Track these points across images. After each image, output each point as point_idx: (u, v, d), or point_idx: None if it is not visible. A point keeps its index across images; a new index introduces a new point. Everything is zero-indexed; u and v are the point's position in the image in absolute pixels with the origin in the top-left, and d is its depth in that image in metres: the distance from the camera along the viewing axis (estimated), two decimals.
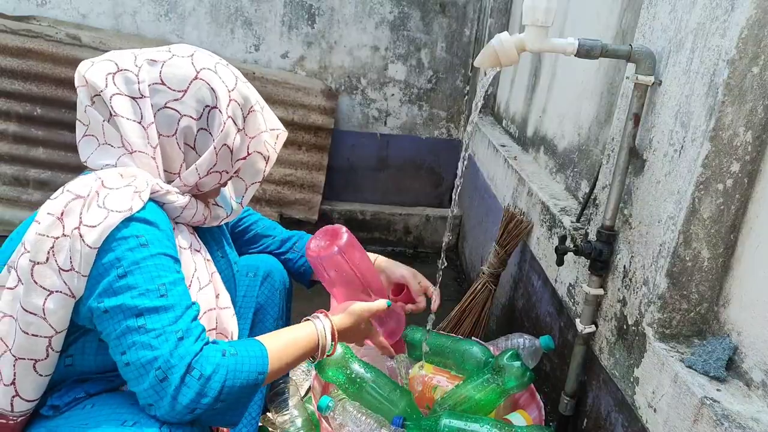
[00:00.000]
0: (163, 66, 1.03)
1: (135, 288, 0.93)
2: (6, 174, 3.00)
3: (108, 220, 0.92)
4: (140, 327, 0.92)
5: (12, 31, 2.86)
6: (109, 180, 0.97)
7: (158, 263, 0.96)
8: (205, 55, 1.09)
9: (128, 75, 1.02)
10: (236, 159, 1.12)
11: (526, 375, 1.45)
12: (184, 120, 1.04)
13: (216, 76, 1.06)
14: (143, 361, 0.91)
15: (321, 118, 3.20)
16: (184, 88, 1.03)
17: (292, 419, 1.53)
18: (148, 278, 0.94)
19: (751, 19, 0.97)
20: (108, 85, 1.00)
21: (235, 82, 1.09)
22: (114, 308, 0.92)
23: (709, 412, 0.93)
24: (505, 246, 2.02)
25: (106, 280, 0.93)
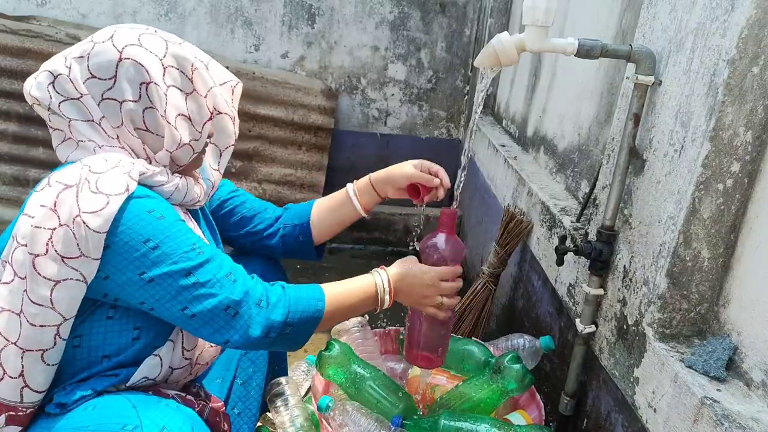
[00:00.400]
0: (88, 58, 1.02)
1: (174, 254, 0.99)
2: (6, 174, 3.00)
3: (110, 205, 0.94)
4: (194, 283, 0.99)
5: (12, 31, 2.86)
6: (96, 165, 0.98)
7: (180, 228, 1.01)
8: (126, 30, 1.05)
9: (62, 79, 1.02)
10: (200, 123, 1.09)
11: (526, 378, 1.45)
12: (125, 105, 1.02)
13: (141, 49, 1.02)
14: (210, 307, 1.00)
15: (321, 118, 3.20)
16: (113, 74, 1.01)
17: (292, 419, 1.53)
18: (180, 243, 1.00)
19: (751, 19, 0.97)
20: (52, 96, 1.02)
21: (165, 47, 1.04)
22: (160, 276, 0.98)
23: (709, 412, 0.93)
24: (505, 246, 2.02)
25: (138, 254, 0.97)
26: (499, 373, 1.47)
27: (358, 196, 1.45)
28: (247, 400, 1.45)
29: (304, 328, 1.11)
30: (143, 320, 1.07)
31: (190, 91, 1.07)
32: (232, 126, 1.17)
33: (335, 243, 3.38)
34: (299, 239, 1.47)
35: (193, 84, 1.07)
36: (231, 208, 1.44)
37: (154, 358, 1.09)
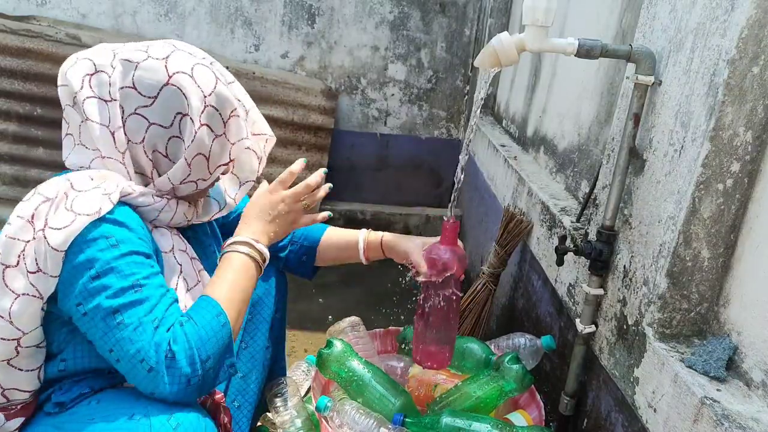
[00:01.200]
0: (136, 68, 1.00)
1: (109, 288, 0.93)
2: (6, 174, 3.00)
3: (75, 223, 0.91)
4: (119, 324, 0.92)
5: (12, 31, 2.86)
6: (79, 182, 0.96)
7: (130, 261, 0.95)
8: (182, 56, 1.03)
9: (102, 77, 1.00)
10: (216, 165, 1.09)
11: (525, 378, 1.46)
12: (153, 128, 1.01)
13: (191, 80, 1.01)
14: (128, 356, 0.92)
15: (321, 118, 3.20)
16: (155, 94, 1.00)
17: (292, 419, 1.53)
18: (121, 277, 0.94)
19: (751, 19, 0.97)
20: (83, 88, 1.01)
21: (213, 85, 1.03)
22: (92, 310, 0.92)
23: (709, 412, 0.93)
24: (505, 246, 2.02)
25: (80, 282, 0.92)
26: (499, 373, 1.47)
27: (365, 249, 1.47)
28: (246, 394, 1.45)
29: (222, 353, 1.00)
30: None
31: (220, 133, 1.06)
32: (257, 165, 1.16)
33: None
34: (302, 259, 1.50)
35: (225, 128, 1.06)
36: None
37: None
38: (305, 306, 2.59)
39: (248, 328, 1.42)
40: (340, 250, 1.50)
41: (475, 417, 1.37)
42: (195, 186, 1.08)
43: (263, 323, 1.44)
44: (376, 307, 2.65)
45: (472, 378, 1.52)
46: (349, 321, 1.76)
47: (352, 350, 1.50)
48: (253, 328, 1.43)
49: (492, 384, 1.46)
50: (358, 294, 2.74)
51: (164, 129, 1.02)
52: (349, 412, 1.36)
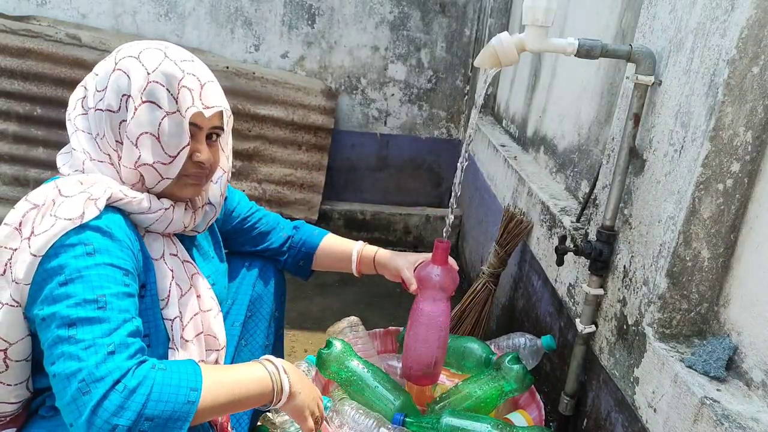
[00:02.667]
0: (96, 72, 1.03)
1: (72, 297, 0.86)
2: (6, 174, 3.00)
3: (54, 228, 0.88)
4: (70, 337, 0.84)
5: (12, 31, 2.86)
6: (66, 187, 0.94)
7: (102, 273, 0.89)
8: (137, 44, 1.03)
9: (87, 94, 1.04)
10: (176, 147, 1.00)
11: (526, 378, 1.46)
12: (106, 115, 1.00)
13: (135, 61, 0.99)
14: (67, 372, 0.83)
15: (321, 118, 3.20)
16: (105, 84, 1.00)
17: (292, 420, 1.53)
18: (88, 288, 0.87)
19: (751, 19, 0.97)
20: (76, 107, 1.05)
21: (158, 62, 0.99)
22: (49, 316, 0.86)
23: (709, 412, 0.93)
24: (505, 246, 2.02)
25: (48, 286, 0.88)
26: (499, 373, 1.47)
27: (358, 263, 1.50)
28: None
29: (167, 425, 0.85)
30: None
31: (172, 110, 0.99)
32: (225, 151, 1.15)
33: None
34: (299, 263, 1.53)
35: (177, 103, 0.99)
36: (252, 224, 1.47)
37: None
38: (305, 306, 2.59)
39: (248, 325, 1.42)
40: (335, 260, 1.53)
41: (475, 417, 1.37)
42: (156, 174, 1.01)
43: (262, 321, 1.45)
44: (376, 307, 2.65)
45: (472, 378, 1.52)
46: (348, 321, 1.77)
47: (352, 350, 1.51)
48: (252, 325, 1.43)
49: (492, 384, 1.46)
50: (358, 294, 2.74)
51: (114, 113, 0.99)
52: (349, 412, 1.36)
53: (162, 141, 0.99)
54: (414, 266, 1.43)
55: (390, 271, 1.46)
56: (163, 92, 0.98)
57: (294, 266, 1.53)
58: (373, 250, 1.49)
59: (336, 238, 1.56)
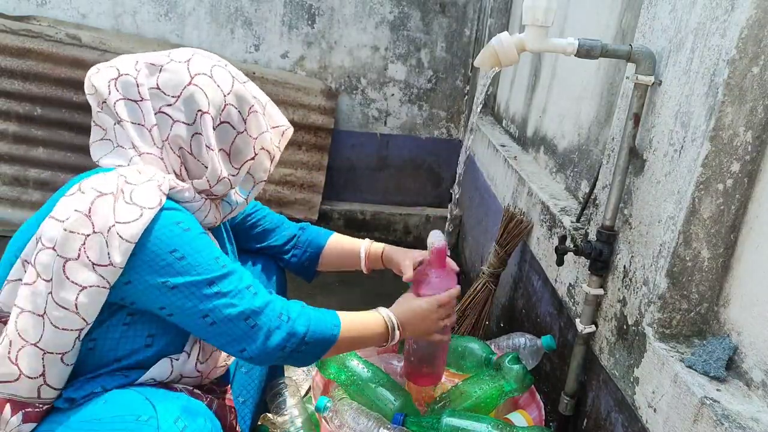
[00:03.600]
0: (161, 71, 1.06)
1: (199, 265, 1.02)
2: (6, 174, 3.00)
3: (144, 216, 0.97)
4: (216, 293, 1.02)
5: (12, 31, 2.86)
6: (131, 176, 1.01)
7: (205, 241, 1.05)
8: (202, 58, 1.11)
9: (128, 79, 1.06)
10: (241, 161, 1.14)
11: (526, 378, 1.46)
12: (177, 126, 1.06)
13: (211, 80, 1.08)
14: (231, 317, 1.03)
15: (321, 118, 3.20)
16: (178, 93, 1.06)
17: (292, 419, 1.53)
18: (205, 255, 1.03)
19: (751, 19, 0.97)
20: (111, 92, 1.05)
21: (231, 84, 1.10)
22: (184, 284, 1.00)
23: (709, 412, 0.93)
24: (505, 246, 2.02)
25: (164, 263, 0.99)
26: (499, 373, 1.47)
27: (367, 259, 1.54)
28: (250, 389, 1.48)
29: (317, 348, 1.13)
30: (158, 328, 1.09)
31: (242, 130, 1.12)
32: (270, 164, 1.22)
33: None
34: (305, 264, 1.56)
35: (246, 124, 1.12)
36: (254, 222, 1.51)
37: (165, 362, 1.11)
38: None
39: None
40: (342, 258, 1.55)
41: (475, 417, 1.37)
42: (229, 184, 1.13)
43: None
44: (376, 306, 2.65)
45: (472, 378, 1.52)
46: None
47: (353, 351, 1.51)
48: None
49: (492, 384, 1.46)
50: (358, 294, 2.74)
51: (187, 126, 1.07)
52: (349, 412, 1.36)
53: (232, 157, 1.13)
54: (416, 259, 1.46)
55: (395, 265, 1.50)
56: (236, 114, 1.11)
57: (299, 266, 1.55)
58: (380, 247, 1.54)
59: (342, 237, 1.58)
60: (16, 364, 0.96)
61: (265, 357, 1.07)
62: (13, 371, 0.96)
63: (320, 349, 1.14)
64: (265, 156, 1.19)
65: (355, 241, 1.56)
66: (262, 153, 1.18)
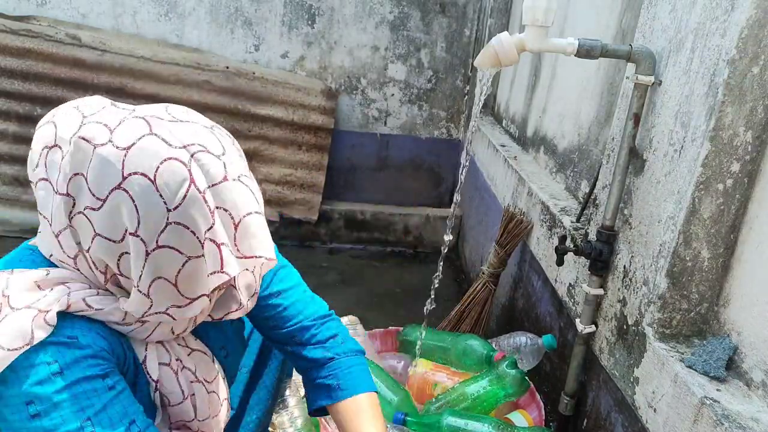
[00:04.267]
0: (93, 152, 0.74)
1: (55, 429, 0.75)
2: (6, 174, 3.00)
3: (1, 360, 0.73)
4: None
5: (12, 31, 2.86)
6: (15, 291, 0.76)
7: (78, 393, 0.76)
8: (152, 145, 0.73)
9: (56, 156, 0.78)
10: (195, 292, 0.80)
11: (523, 383, 1.46)
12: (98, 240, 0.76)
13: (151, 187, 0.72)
14: None
15: (321, 118, 3.20)
16: (104, 196, 0.74)
17: (292, 419, 1.53)
18: (67, 416, 0.75)
19: (751, 19, 0.97)
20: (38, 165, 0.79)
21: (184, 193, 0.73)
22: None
23: (709, 412, 0.93)
24: (505, 246, 2.02)
25: (16, 416, 0.75)
26: (497, 376, 1.47)
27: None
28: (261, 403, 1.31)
29: None
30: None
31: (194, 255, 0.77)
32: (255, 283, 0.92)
33: (335, 243, 3.38)
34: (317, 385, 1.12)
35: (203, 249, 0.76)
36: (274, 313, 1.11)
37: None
38: None
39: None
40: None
41: (476, 417, 1.37)
42: (170, 317, 0.82)
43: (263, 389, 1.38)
44: (376, 306, 2.65)
45: (470, 380, 1.53)
46: (346, 319, 1.77)
47: None
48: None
49: (489, 387, 1.46)
50: (358, 294, 2.74)
51: (113, 243, 0.76)
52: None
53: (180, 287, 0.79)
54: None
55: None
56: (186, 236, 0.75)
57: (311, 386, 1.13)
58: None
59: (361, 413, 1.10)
60: None
61: None
62: None
63: None
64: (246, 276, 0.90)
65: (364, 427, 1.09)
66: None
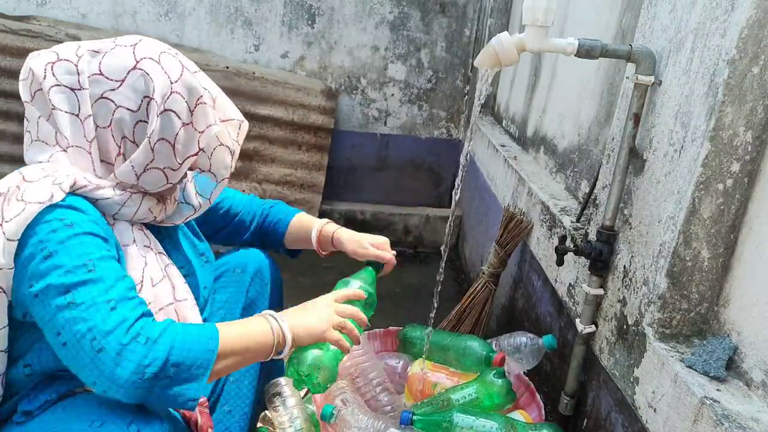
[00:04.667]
0: (104, 57, 1.00)
1: (61, 267, 0.89)
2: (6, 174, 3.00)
3: (26, 211, 0.90)
4: (69, 303, 0.87)
5: (12, 31, 2.86)
6: (30, 173, 0.96)
7: (84, 241, 0.92)
8: (150, 44, 1.04)
9: (68, 65, 0.99)
10: (184, 155, 1.06)
11: (509, 395, 1.46)
12: (120, 111, 0.99)
13: (158, 66, 1.01)
14: (77, 336, 0.86)
15: (321, 118, 3.20)
16: (122, 77, 0.99)
17: (291, 420, 1.52)
18: (74, 255, 0.90)
19: (751, 19, 0.97)
20: (47, 76, 0.98)
21: (180, 72, 1.03)
22: (42, 290, 0.88)
23: (709, 412, 0.93)
24: (505, 246, 2.02)
25: (32, 263, 0.89)
26: (483, 386, 1.47)
27: (318, 240, 1.47)
28: (240, 398, 1.42)
29: (192, 371, 0.91)
30: None
31: (187, 121, 1.04)
32: (230, 160, 1.15)
33: None
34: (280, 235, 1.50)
35: (192, 116, 1.04)
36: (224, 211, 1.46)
37: None
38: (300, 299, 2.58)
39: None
40: (299, 238, 1.50)
41: (484, 414, 1.37)
42: (164, 176, 1.04)
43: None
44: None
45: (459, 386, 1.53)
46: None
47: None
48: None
49: (475, 395, 1.46)
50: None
51: (131, 113, 1.00)
52: (352, 415, 1.36)
53: (176, 149, 1.04)
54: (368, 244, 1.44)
55: (345, 251, 1.45)
56: (183, 104, 1.02)
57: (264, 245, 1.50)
58: (332, 229, 1.47)
59: (304, 216, 1.53)
60: None
61: (119, 389, 0.86)
62: None
63: (197, 371, 0.92)
64: (223, 150, 1.12)
65: (311, 221, 1.50)
66: (220, 148, 1.11)
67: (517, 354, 1.66)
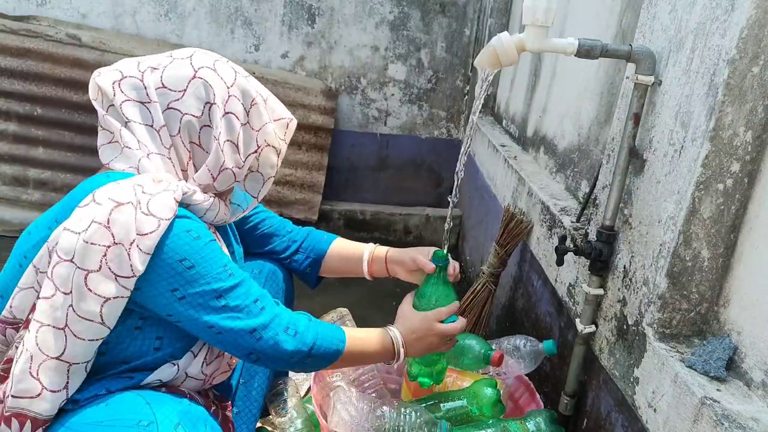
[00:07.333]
0: (164, 70, 1.08)
1: (207, 274, 1.03)
2: (6, 174, 3.00)
3: (160, 228, 0.98)
4: (224, 306, 1.04)
5: (12, 31, 2.86)
6: (147, 186, 1.02)
7: (214, 249, 1.06)
8: (203, 54, 1.13)
9: (134, 81, 1.06)
10: (246, 154, 1.14)
11: (497, 406, 1.45)
12: (186, 118, 1.08)
13: (214, 73, 1.10)
14: (236, 329, 1.05)
15: (321, 118, 3.20)
16: (184, 87, 1.07)
17: (292, 420, 1.53)
18: (214, 264, 1.04)
19: (751, 19, 0.97)
20: (116, 94, 1.06)
21: (233, 77, 1.12)
22: (193, 294, 1.02)
23: (709, 412, 0.93)
24: (505, 246, 2.02)
25: (173, 272, 1.01)
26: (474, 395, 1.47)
27: (370, 262, 1.49)
28: (248, 400, 1.45)
29: (321, 362, 1.16)
30: (167, 331, 1.10)
31: (245, 122, 1.13)
32: (276, 159, 1.21)
33: None
34: (306, 270, 1.53)
35: (248, 116, 1.13)
36: (253, 224, 1.49)
37: (173, 366, 1.11)
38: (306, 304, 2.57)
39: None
40: (345, 262, 1.51)
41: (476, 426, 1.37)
42: (232, 177, 1.14)
43: None
44: (377, 306, 2.65)
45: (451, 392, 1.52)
46: (337, 312, 1.78)
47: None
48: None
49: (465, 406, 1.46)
50: (360, 293, 2.74)
51: (196, 118, 1.08)
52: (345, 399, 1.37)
53: (239, 149, 1.13)
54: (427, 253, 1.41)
55: (405, 265, 1.43)
56: (239, 106, 1.12)
57: (301, 272, 1.54)
58: (384, 250, 1.49)
59: (346, 242, 1.54)
60: (37, 378, 0.96)
61: (272, 363, 1.11)
62: (34, 386, 0.96)
63: (324, 363, 1.17)
64: (270, 151, 1.19)
65: (358, 246, 1.52)
66: (267, 149, 1.18)
67: (516, 354, 1.66)
